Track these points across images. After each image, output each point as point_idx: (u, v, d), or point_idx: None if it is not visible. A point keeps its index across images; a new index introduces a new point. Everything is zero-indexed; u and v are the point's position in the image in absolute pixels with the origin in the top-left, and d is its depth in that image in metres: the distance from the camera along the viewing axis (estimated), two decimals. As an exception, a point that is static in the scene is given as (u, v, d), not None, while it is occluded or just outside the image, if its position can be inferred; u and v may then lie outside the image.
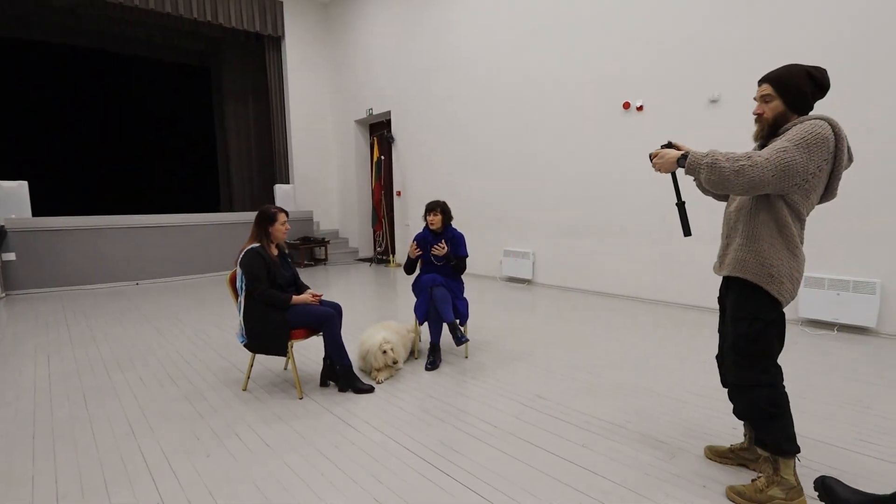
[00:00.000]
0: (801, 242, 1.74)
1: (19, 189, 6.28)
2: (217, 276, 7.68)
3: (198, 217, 7.79)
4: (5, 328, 4.60)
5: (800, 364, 3.24)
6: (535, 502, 1.85)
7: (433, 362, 3.33)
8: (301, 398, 2.85)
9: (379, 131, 8.84)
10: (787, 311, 1.65)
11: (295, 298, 2.87)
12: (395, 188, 8.49)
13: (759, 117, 1.78)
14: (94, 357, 3.66)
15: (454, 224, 3.69)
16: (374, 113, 8.70)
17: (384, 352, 3.07)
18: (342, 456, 2.21)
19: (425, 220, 3.54)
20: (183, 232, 7.50)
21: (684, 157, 1.76)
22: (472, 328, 4.25)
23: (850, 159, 1.74)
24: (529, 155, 6.23)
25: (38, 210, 6.59)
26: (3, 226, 6.01)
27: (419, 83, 7.75)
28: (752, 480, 1.86)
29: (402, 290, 6.28)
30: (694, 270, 4.75)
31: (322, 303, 2.99)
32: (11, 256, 6.11)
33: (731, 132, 4.39)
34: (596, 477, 2.01)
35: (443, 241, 3.46)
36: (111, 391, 2.99)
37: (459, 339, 3.16)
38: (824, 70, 1.73)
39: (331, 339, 2.88)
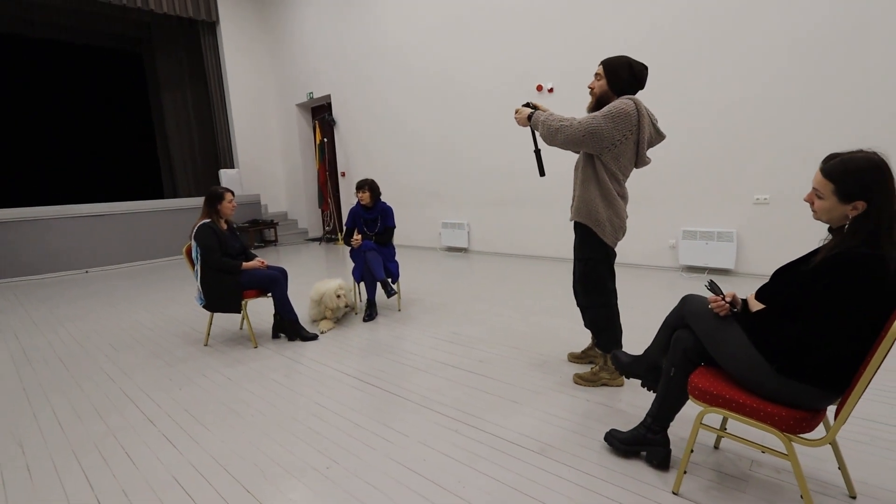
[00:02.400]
0: (621, 196, 2.35)
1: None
2: (166, 260, 7.90)
3: (143, 204, 7.94)
4: (-38, 316, 4.81)
5: (674, 300, 4.08)
6: (441, 398, 2.51)
7: (370, 315, 3.94)
8: (256, 347, 3.40)
9: (320, 115, 9.16)
10: (669, 259, 2.24)
11: (245, 265, 3.38)
12: (340, 169, 8.91)
13: (591, 91, 2.39)
14: (61, 333, 4.02)
15: (393, 198, 4.23)
16: (315, 97, 9.01)
17: (339, 296, 3.65)
18: (292, 382, 2.79)
19: (357, 196, 4.09)
20: (129, 219, 7.65)
21: (531, 115, 2.39)
22: (407, 289, 4.88)
23: (660, 135, 2.36)
24: (457, 133, 6.83)
25: (-25, 203, 6.59)
26: (-59, 220, 6.03)
27: (355, 68, 8.13)
28: (591, 368, 2.60)
29: (349, 265, 6.79)
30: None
31: (269, 268, 3.51)
32: (-47, 250, 6.15)
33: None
34: (493, 381, 2.69)
35: (359, 235, 3.98)
36: (85, 355, 3.41)
37: (389, 292, 3.77)
38: (644, 67, 2.28)
39: (279, 296, 3.42)
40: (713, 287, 1.64)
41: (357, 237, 3.97)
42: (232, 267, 3.30)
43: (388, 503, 1.70)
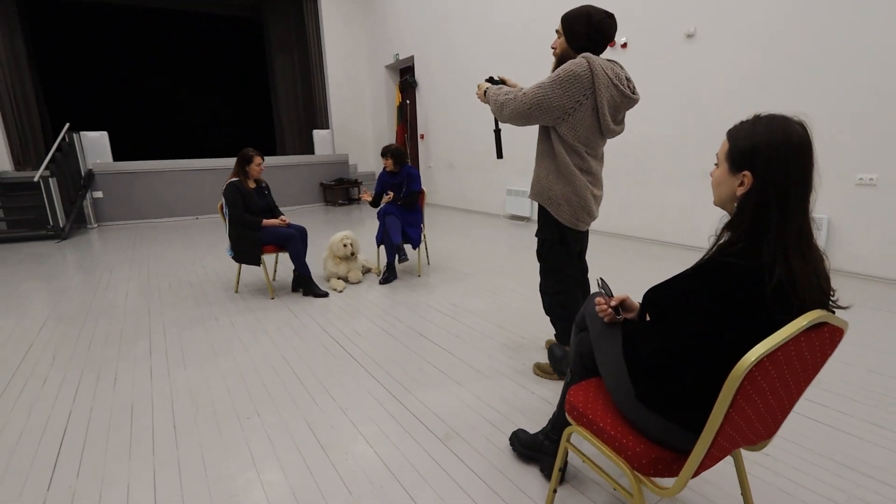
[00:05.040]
0: (584, 171, 2.04)
1: (101, 138, 7.61)
2: (263, 212, 8.80)
3: (246, 160, 8.83)
4: (98, 250, 5.94)
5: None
6: (393, 368, 2.51)
7: (387, 278, 4.02)
8: (272, 298, 3.69)
9: (405, 76, 9.23)
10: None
11: (265, 222, 3.64)
12: (419, 131, 8.98)
13: (553, 51, 2.09)
14: (141, 270, 4.76)
15: (464, 163, 4.20)
16: (401, 58, 9.07)
17: (345, 245, 3.83)
18: (277, 334, 3.00)
19: (383, 162, 4.13)
20: (234, 174, 8.60)
21: (486, 91, 2.16)
22: (443, 255, 4.87)
23: (628, 98, 1.97)
24: (529, 96, 6.42)
25: (118, 155, 7.93)
26: (90, 169, 7.41)
27: (437, 29, 7.98)
28: (552, 359, 2.38)
29: (410, 226, 6.96)
30: (669, 208, 4.93)
31: (290, 226, 3.74)
32: (100, 195, 7.54)
33: (705, 65, 4.42)
34: (454, 358, 2.62)
35: (389, 192, 4.11)
36: (145, 291, 4.02)
37: (400, 257, 3.80)
38: (607, 14, 1.92)
39: (294, 253, 3.64)
40: (604, 286, 1.38)
41: (389, 195, 4.08)
42: (251, 223, 3.57)
43: (271, 460, 1.78)
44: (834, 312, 1.05)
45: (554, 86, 1.86)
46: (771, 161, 0.98)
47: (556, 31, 2.02)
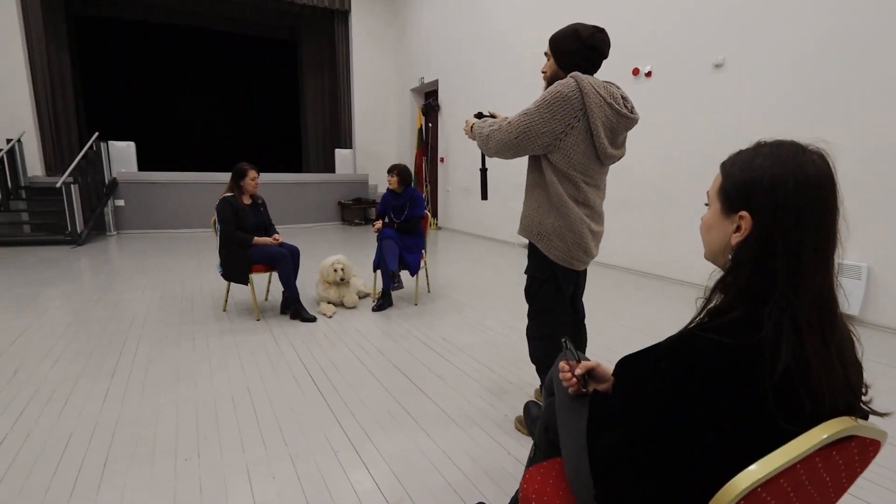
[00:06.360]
0: (579, 203, 1.79)
1: (128, 148, 7.80)
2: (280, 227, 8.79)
3: (267, 176, 8.89)
4: (109, 258, 5.97)
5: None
6: (361, 409, 2.27)
7: (381, 305, 3.80)
8: (258, 319, 3.52)
9: (428, 100, 9.21)
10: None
11: (256, 240, 3.50)
12: (440, 154, 8.88)
13: (544, 75, 1.88)
14: (141, 281, 4.70)
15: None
16: (426, 81, 9.06)
17: (335, 269, 3.65)
18: (250, 360, 2.80)
19: (387, 181, 3.96)
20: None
21: (473, 126, 1.96)
22: (444, 283, 4.63)
23: (626, 118, 1.73)
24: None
25: (143, 166, 8.09)
26: (115, 177, 7.56)
27: (461, 53, 7.94)
28: (538, 414, 2.09)
29: (431, 247, 6.76)
30: (686, 246, 4.58)
31: (282, 245, 3.59)
32: (122, 203, 7.67)
33: (734, 96, 4.14)
34: (429, 401, 2.36)
35: (378, 222, 3.96)
36: (135, 303, 3.92)
37: (393, 285, 3.59)
38: (596, 29, 1.72)
39: (283, 273, 3.48)
40: (567, 349, 1.12)
41: (377, 223, 3.88)
42: (241, 240, 3.44)
43: (194, 516, 1.55)
44: (867, 418, 0.77)
45: (541, 110, 1.65)
46: (775, 199, 0.72)
47: (545, 54, 1.82)
